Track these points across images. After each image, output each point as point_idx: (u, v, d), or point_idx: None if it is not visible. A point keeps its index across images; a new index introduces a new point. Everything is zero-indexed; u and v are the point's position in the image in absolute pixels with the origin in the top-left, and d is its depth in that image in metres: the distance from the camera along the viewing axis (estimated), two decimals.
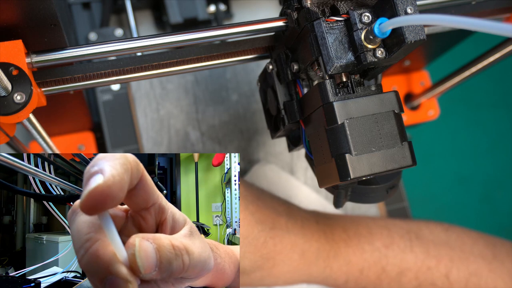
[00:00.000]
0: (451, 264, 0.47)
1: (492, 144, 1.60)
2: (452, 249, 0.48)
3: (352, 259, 0.45)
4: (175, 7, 0.56)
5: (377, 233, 0.47)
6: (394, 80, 0.64)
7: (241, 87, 0.59)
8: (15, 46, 0.30)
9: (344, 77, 0.31)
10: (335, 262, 0.45)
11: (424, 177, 1.50)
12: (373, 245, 0.46)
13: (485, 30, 0.21)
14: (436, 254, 0.47)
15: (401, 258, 0.46)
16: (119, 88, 0.56)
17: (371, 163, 0.29)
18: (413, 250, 0.46)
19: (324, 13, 0.30)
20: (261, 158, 0.58)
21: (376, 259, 0.46)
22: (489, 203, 1.56)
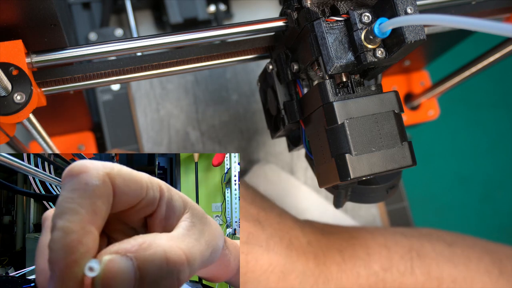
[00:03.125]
0: (454, 285, 0.44)
1: (492, 144, 1.60)
2: (456, 266, 0.45)
3: (345, 285, 0.42)
4: (175, 7, 0.56)
5: (375, 253, 0.43)
6: (394, 80, 0.64)
7: (241, 87, 0.59)
8: (15, 46, 0.30)
9: (344, 77, 0.31)
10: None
11: (424, 177, 1.50)
12: (370, 269, 0.43)
13: (485, 30, 0.21)
14: (438, 275, 0.44)
15: (400, 282, 0.43)
16: (119, 88, 0.56)
17: (371, 163, 0.29)
18: (413, 272, 0.43)
19: (324, 13, 0.30)
20: (261, 158, 0.58)
21: (372, 284, 0.43)
22: (489, 203, 1.56)
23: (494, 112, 1.63)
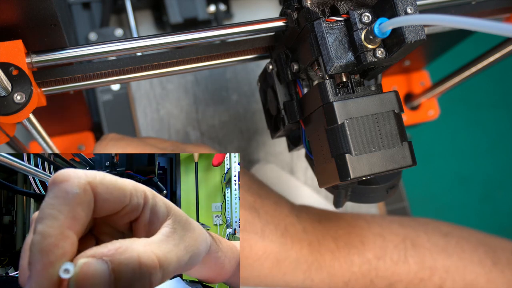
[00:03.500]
0: (446, 275, 0.45)
1: (492, 144, 1.60)
2: (450, 257, 0.45)
3: (337, 272, 0.42)
4: (175, 7, 0.56)
5: (370, 242, 0.44)
6: (394, 80, 0.64)
7: (241, 87, 0.59)
8: (15, 46, 0.30)
9: (344, 77, 0.31)
10: (318, 275, 0.42)
11: (424, 177, 1.50)
12: (364, 256, 0.43)
13: (485, 30, 0.21)
14: (431, 265, 0.45)
15: (392, 271, 0.44)
16: (119, 88, 0.56)
17: (371, 163, 0.29)
18: (406, 261, 0.44)
19: (324, 13, 0.30)
20: (261, 158, 0.58)
21: (365, 271, 0.43)
22: (489, 203, 1.56)
23: (494, 112, 1.63)
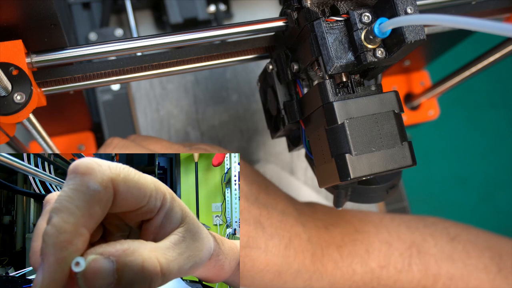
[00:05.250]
0: (450, 282, 0.44)
1: (492, 144, 1.60)
2: (455, 263, 0.45)
3: (339, 281, 0.42)
4: (175, 7, 0.56)
5: (375, 250, 0.43)
6: (394, 80, 0.64)
7: (241, 87, 0.59)
8: (15, 46, 0.30)
9: (344, 77, 0.31)
10: (318, 283, 0.42)
11: (424, 177, 1.50)
12: (367, 266, 0.42)
13: (485, 30, 0.21)
14: (435, 272, 0.44)
15: (395, 280, 0.43)
16: (119, 88, 0.56)
17: (371, 163, 0.29)
18: (410, 270, 0.43)
19: (324, 13, 0.30)
20: (261, 158, 0.58)
21: (367, 280, 0.43)
22: (489, 203, 1.56)
23: (494, 112, 1.63)
